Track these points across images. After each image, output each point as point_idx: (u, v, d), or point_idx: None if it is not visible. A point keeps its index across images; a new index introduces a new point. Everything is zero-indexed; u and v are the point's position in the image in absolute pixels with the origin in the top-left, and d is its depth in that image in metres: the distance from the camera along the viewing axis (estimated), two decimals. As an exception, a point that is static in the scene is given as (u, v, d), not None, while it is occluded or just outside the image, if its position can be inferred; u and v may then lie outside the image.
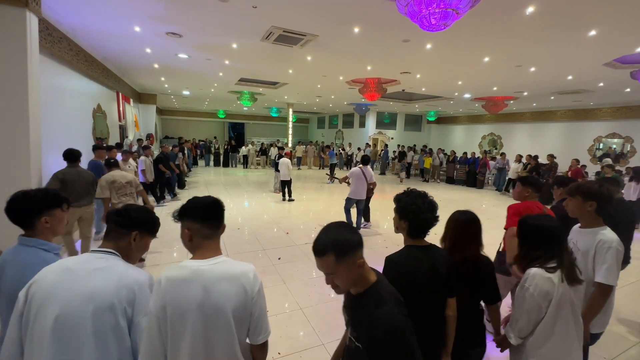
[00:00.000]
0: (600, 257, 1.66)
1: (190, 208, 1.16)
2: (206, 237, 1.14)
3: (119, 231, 1.21)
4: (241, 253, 4.58)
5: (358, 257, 1.06)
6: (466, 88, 9.60)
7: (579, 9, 3.84)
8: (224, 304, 1.04)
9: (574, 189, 1.79)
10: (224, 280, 1.07)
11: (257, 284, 1.13)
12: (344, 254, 1.03)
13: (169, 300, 1.01)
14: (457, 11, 2.98)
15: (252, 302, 1.10)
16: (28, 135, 3.34)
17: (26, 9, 3.22)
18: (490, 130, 16.13)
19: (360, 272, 1.09)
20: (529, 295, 1.42)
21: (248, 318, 1.10)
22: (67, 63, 5.34)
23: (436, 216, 1.41)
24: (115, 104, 8.64)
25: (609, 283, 1.64)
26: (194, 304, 1.02)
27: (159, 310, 1.02)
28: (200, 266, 1.08)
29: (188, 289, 1.03)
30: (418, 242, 1.44)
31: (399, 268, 1.36)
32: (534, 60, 6.19)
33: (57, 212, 1.41)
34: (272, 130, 25.21)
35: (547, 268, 1.41)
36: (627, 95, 9.39)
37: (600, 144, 11.84)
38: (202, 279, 1.04)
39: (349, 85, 9.68)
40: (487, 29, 4.60)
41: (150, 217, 1.29)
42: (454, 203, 8.82)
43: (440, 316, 1.43)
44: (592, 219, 1.76)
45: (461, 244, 1.63)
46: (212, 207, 1.18)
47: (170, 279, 1.04)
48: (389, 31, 4.87)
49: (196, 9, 4.28)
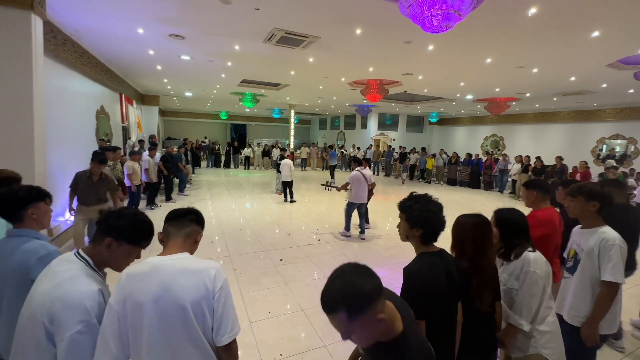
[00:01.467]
0: (605, 256, 1.69)
1: (167, 215, 1.27)
2: (170, 235, 1.21)
3: (98, 235, 1.18)
4: (243, 254, 4.59)
5: (378, 311, 0.83)
6: (468, 89, 9.58)
7: (582, 10, 3.83)
8: (181, 297, 1.03)
9: (576, 190, 1.82)
10: (184, 274, 1.07)
11: (220, 281, 1.11)
12: (359, 311, 0.81)
13: (128, 294, 1.03)
14: (459, 13, 2.98)
15: (215, 299, 1.09)
16: (32, 136, 3.37)
17: (31, 12, 3.25)
18: (493, 131, 16.08)
19: (381, 328, 0.86)
20: (537, 278, 1.54)
21: (211, 315, 1.09)
22: (71, 65, 5.39)
23: (444, 220, 1.40)
24: (118, 106, 8.69)
25: (617, 281, 1.66)
26: (149, 297, 1.02)
27: (119, 305, 1.02)
28: (161, 261, 1.10)
29: (146, 282, 1.05)
30: (430, 248, 1.40)
31: (423, 279, 1.30)
32: (537, 62, 6.18)
33: (41, 205, 1.53)
34: (274, 131, 25.25)
35: (530, 251, 1.61)
36: (630, 96, 9.35)
37: (603, 145, 11.78)
38: (161, 273, 1.06)
39: (350, 87, 9.69)
40: (489, 30, 4.60)
41: (132, 223, 1.19)
42: (455, 205, 8.79)
43: (455, 322, 1.42)
44: (593, 218, 1.80)
45: (482, 249, 1.55)
46: (180, 210, 1.27)
47: (130, 274, 1.07)
48: (391, 33, 4.87)
49: (199, 10, 4.30)
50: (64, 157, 5.31)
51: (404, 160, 14.18)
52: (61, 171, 5.17)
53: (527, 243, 1.65)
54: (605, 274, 1.68)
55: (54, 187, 4.86)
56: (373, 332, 0.86)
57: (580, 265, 1.81)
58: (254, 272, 3.99)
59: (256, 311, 3.09)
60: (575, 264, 1.86)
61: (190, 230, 1.23)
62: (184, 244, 1.20)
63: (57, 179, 4.99)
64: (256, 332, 2.77)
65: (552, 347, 1.56)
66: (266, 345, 2.61)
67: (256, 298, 3.35)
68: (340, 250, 4.88)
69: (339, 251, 4.86)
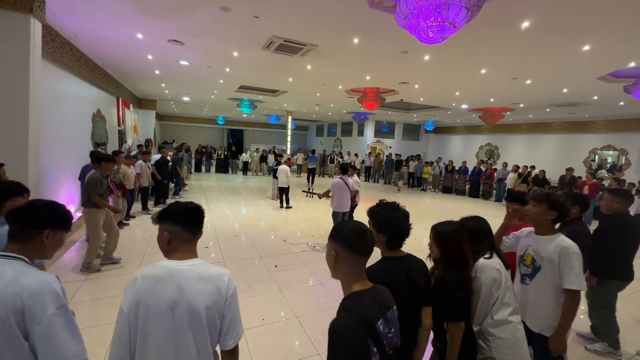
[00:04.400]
0: (566, 264, 1.73)
1: (172, 211, 1.18)
2: (185, 241, 1.17)
3: (27, 231, 1.15)
4: (237, 260, 4.55)
5: (330, 246, 1.14)
6: (463, 99, 9.72)
7: (573, 25, 3.95)
8: (197, 303, 1.05)
9: (542, 197, 1.89)
10: (200, 280, 1.09)
11: (232, 288, 1.15)
12: (330, 236, 1.15)
13: (143, 298, 1.02)
14: (454, 25, 3.05)
15: (226, 304, 1.12)
16: (27, 137, 3.36)
17: (30, 15, 3.27)
18: (488, 140, 16.28)
19: (333, 264, 1.12)
20: (480, 283, 1.64)
21: (220, 320, 1.11)
22: (69, 68, 5.39)
23: (409, 227, 1.44)
24: (115, 109, 8.68)
25: (580, 288, 1.72)
26: (167, 302, 1.03)
27: (131, 309, 1.02)
28: (177, 266, 1.10)
29: (163, 286, 1.05)
30: (395, 253, 1.46)
31: (373, 280, 1.33)
32: (530, 73, 6.31)
33: (19, 199, 1.76)
34: (271, 137, 25.29)
35: (486, 257, 1.69)
36: (621, 108, 9.55)
37: (595, 156, 11.98)
38: (178, 278, 1.07)
39: (348, 94, 9.78)
40: (483, 42, 4.70)
41: (62, 211, 1.25)
42: (451, 213, 8.84)
43: (413, 326, 1.45)
44: (549, 227, 1.87)
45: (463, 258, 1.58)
46: (194, 212, 1.21)
47: (146, 277, 1.06)
48: (387, 42, 4.96)
49: (198, 17, 4.35)
50: (59, 158, 5.27)
51: (399, 167, 14.25)
52: (56, 173, 5.13)
53: (489, 250, 1.73)
54: (568, 282, 1.71)
55: (49, 187, 4.82)
56: (329, 261, 1.14)
57: (541, 273, 1.84)
58: (248, 278, 3.95)
59: (250, 318, 3.06)
60: (534, 271, 1.88)
61: (200, 235, 1.22)
62: (193, 249, 1.19)
63: (51, 180, 4.95)
64: (249, 339, 2.74)
65: (506, 352, 1.60)
66: (260, 353, 2.58)
67: (250, 305, 3.32)
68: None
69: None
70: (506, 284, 1.66)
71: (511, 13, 3.71)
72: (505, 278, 1.67)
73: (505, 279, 1.66)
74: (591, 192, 7.99)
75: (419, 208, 9.16)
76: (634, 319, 3.45)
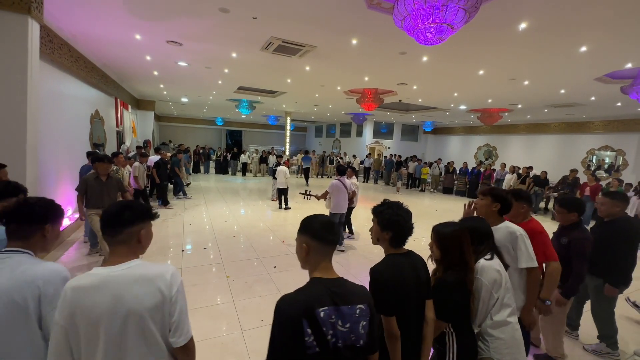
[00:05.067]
0: (516, 247, 1.92)
1: (104, 217, 1.15)
2: (110, 244, 1.12)
3: (27, 228, 1.22)
4: (236, 261, 4.55)
5: (300, 239, 1.20)
6: (462, 100, 9.75)
7: (570, 26, 3.97)
8: (137, 308, 1.02)
9: (487, 191, 2.08)
10: (137, 283, 1.05)
11: (176, 284, 1.11)
12: (299, 230, 1.21)
13: (77, 311, 0.99)
14: (451, 26, 3.07)
15: (171, 303, 1.09)
16: (25, 138, 3.35)
17: (28, 16, 3.26)
18: (486, 141, 16.33)
19: (304, 256, 1.19)
20: (481, 284, 1.63)
21: (168, 318, 1.09)
22: (67, 69, 5.38)
23: (412, 225, 1.49)
24: (113, 110, 8.66)
25: (534, 265, 1.91)
26: (104, 311, 1.00)
27: (65, 320, 0.99)
28: (111, 272, 1.06)
29: (97, 297, 1.00)
30: (399, 251, 1.50)
31: (384, 277, 1.39)
32: (528, 74, 6.34)
33: (13, 200, 1.78)
34: (270, 138, 25.31)
35: (486, 258, 1.69)
36: (618, 109, 9.60)
37: (593, 156, 12.03)
38: (112, 286, 1.03)
39: (346, 95, 9.80)
40: (481, 43, 4.72)
41: (55, 206, 1.33)
42: (450, 213, 8.85)
43: (422, 319, 1.49)
44: (496, 217, 2.03)
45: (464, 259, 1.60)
46: (109, 212, 1.14)
47: (76, 289, 1.02)
48: (386, 43, 4.97)
49: (197, 18, 4.35)
50: (57, 160, 5.25)
51: (399, 168, 14.26)
52: (54, 173, 5.12)
53: (489, 251, 1.74)
54: (521, 262, 1.90)
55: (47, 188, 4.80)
56: (299, 252, 1.23)
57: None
58: (247, 279, 3.95)
59: (249, 319, 3.05)
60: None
61: (129, 232, 1.12)
62: (128, 249, 1.13)
63: (49, 181, 4.93)
64: (248, 340, 2.73)
65: (505, 353, 1.61)
66: (258, 355, 2.57)
67: (249, 306, 3.31)
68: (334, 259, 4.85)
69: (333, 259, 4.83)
70: (506, 285, 1.67)
71: (508, 14, 3.73)
72: (505, 279, 1.68)
73: (505, 280, 1.67)
74: (593, 194, 7.89)
75: (417, 209, 9.16)
76: (631, 319, 3.46)
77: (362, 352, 1.12)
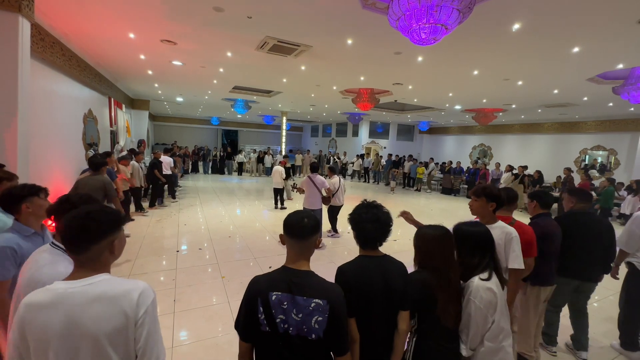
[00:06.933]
0: (510, 247, 1.97)
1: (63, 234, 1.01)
2: (86, 259, 0.98)
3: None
4: (231, 261, 4.53)
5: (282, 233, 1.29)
6: (457, 100, 9.81)
7: (563, 27, 4.01)
8: (94, 330, 0.90)
9: (480, 191, 2.08)
10: (97, 302, 0.93)
11: (144, 305, 0.97)
12: None
13: (28, 330, 0.90)
14: (446, 27, 3.08)
15: (136, 326, 0.95)
16: (16, 138, 3.30)
17: (19, 14, 3.21)
18: (481, 141, 16.45)
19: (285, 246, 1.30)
20: (475, 308, 1.46)
21: (133, 345, 0.96)
22: (59, 68, 5.30)
23: (379, 227, 1.40)
24: (107, 110, 8.56)
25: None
26: (55, 333, 0.89)
27: (16, 340, 0.91)
28: (69, 288, 0.93)
29: (48, 316, 0.90)
30: (371, 253, 1.44)
31: (346, 277, 1.36)
32: (521, 74, 6.39)
33: (35, 199, 1.74)
34: (266, 137, 25.23)
35: (482, 278, 1.50)
36: (610, 109, 9.73)
37: (586, 156, 12.18)
38: (67, 304, 0.91)
39: (342, 95, 9.81)
40: (475, 44, 4.75)
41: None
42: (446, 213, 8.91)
43: (393, 329, 1.41)
44: (491, 217, 2.06)
45: (449, 262, 1.52)
46: (81, 227, 0.98)
47: (29, 305, 0.91)
48: (381, 43, 4.98)
49: (192, 17, 4.32)
50: (50, 159, 5.18)
51: (396, 167, 14.29)
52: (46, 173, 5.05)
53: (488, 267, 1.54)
54: (511, 263, 1.95)
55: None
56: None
57: None
58: (242, 279, 3.93)
59: (244, 320, 3.04)
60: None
61: (98, 248, 0.99)
62: (95, 263, 0.99)
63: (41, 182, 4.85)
64: (243, 341, 2.73)
65: None
66: (253, 355, 2.57)
67: (244, 306, 3.30)
68: (329, 258, 4.87)
69: (328, 259, 4.85)
70: (502, 309, 1.50)
71: (502, 15, 3.76)
72: (501, 301, 1.50)
73: (501, 302, 1.50)
74: None
75: (412, 209, 9.21)
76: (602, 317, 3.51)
77: (316, 346, 1.14)
